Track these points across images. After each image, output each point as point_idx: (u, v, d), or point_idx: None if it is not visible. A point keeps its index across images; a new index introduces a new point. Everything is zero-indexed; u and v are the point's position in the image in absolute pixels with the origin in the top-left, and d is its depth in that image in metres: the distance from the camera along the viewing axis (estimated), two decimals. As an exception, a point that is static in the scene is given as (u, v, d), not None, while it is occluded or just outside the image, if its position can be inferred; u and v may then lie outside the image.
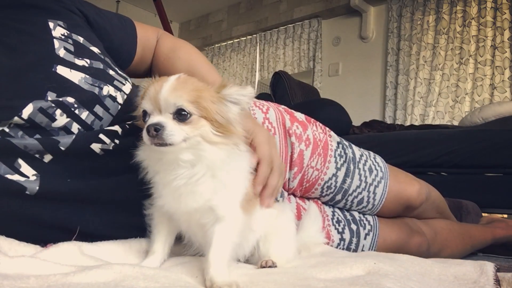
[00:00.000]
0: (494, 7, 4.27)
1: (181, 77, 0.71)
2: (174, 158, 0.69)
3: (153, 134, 0.66)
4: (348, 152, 1.27)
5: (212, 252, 0.67)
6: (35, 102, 0.74)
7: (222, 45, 6.71)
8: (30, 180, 0.74)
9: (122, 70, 0.96)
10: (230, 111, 0.71)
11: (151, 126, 0.66)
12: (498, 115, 3.02)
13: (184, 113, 0.67)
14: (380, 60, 5.05)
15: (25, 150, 0.73)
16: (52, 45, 0.81)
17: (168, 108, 0.67)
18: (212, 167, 0.70)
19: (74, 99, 0.79)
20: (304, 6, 5.56)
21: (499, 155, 2.23)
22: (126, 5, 6.29)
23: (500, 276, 0.71)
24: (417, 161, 2.41)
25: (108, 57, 0.94)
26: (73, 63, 0.82)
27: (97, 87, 0.83)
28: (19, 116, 0.73)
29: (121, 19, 1.07)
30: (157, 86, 0.69)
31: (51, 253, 0.71)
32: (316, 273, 0.73)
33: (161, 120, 0.66)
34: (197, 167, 0.69)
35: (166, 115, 0.67)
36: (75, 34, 0.87)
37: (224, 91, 0.71)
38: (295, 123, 1.22)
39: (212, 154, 0.69)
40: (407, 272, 0.73)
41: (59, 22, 0.86)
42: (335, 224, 1.23)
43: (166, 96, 0.67)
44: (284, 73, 3.84)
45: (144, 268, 0.68)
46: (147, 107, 0.69)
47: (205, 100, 0.68)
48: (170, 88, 0.67)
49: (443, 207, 1.52)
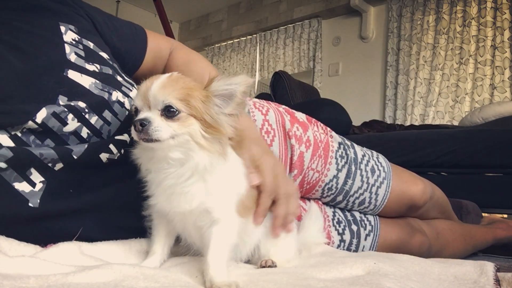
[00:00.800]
0: (494, 7, 4.27)
1: (173, 75, 0.71)
2: (163, 155, 0.69)
3: (139, 129, 0.66)
4: (350, 153, 1.26)
5: (211, 254, 0.68)
6: (49, 107, 0.75)
7: (222, 45, 6.71)
8: (34, 190, 0.74)
9: (128, 76, 0.97)
10: (221, 111, 0.70)
11: (137, 121, 0.67)
12: (498, 115, 3.02)
13: (172, 109, 0.67)
14: (380, 60, 5.05)
15: (41, 158, 0.74)
16: (63, 50, 0.82)
17: (157, 104, 0.67)
18: (196, 170, 0.70)
19: (86, 104, 0.80)
20: (304, 6, 5.56)
21: (499, 155, 2.24)
22: (126, 5, 6.29)
23: (500, 276, 0.71)
24: (417, 161, 2.41)
25: (116, 63, 0.94)
26: (83, 67, 0.83)
27: (107, 92, 0.83)
28: (33, 120, 0.74)
29: (132, 28, 1.07)
30: (148, 83, 0.69)
31: (51, 253, 0.71)
32: (316, 273, 0.73)
33: (148, 116, 0.67)
34: (185, 167, 0.69)
35: (155, 111, 0.68)
36: (85, 39, 0.87)
37: (212, 87, 0.70)
38: (295, 124, 1.22)
39: (198, 157, 0.69)
40: (407, 272, 0.73)
41: (70, 26, 0.86)
42: (335, 225, 1.23)
43: (155, 93, 0.67)
44: (284, 73, 3.84)
45: (144, 268, 0.68)
46: (138, 104, 0.70)
47: (195, 99, 0.68)
48: (160, 85, 0.68)
49: (446, 206, 1.52)
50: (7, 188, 0.73)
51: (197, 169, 0.69)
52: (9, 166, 0.72)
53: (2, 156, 0.70)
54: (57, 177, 0.76)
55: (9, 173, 0.73)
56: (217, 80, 0.70)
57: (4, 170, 0.72)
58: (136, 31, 1.08)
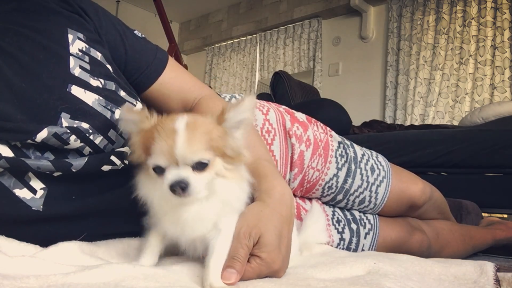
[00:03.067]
0: (494, 7, 4.27)
1: (188, 121, 0.65)
2: (190, 200, 0.66)
3: (180, 193, 0.62)
4: (350, 152, 1.27)
5: (213, 260, 0.66)
6: (50, 128, 0.73)
7: (222, 45, 6.71)
8: (36, 197, 0.74)
9: (133, 90, 0.93)
10: (236, 140, 0.68)
11: (177, 185, 0.62)
12: (498, 115, 3.02)
13: (204, 163, 0.64)
14: (380, 60, 5.05)
15: (38, 170, 0.73)
16: (67, 64, 0.79)
17: (187, 161, 0.63)
18: (227, 203, 0.68)
19: (89, 125, 0.78)
20: (304, 6, 5.56)
21: (499, 155, 2.23)
22: (126, 5, 6.28)
23: (500, 276, 0.71)
24: (417, 161, 2.41)
25: (121, 76, 0.91)
26: (87, 83, 0.80)
27: (109, 110, 0.81)
28: (33, 140, 0.73)
29: (148, 51, 0.99)
30: (169, 140, 0.63)
31: (51, 253, 0.71)
32: (316, 273, 0.73)
33: (184, 176, 0.62)
34: (211, 201, 0.67)
35: (185, 167, 0.63)
36: (93, 49, 0.84)
37: (226, 121, 0.67)
38: (295, 123, 1.22)
39: (223, 190, 0.67)
40: (407, 272, 0.73)
41: (79, 34, 0.83)
42: (335, 224, 1.23)
43: (183, 152, 0.62)
44: (284, 73, 3.84)
45: (144, 267, 0.68)
46: (162, 163, 0.63)
47: (216, 140, 0.65)
48: (186, 142, 0.62)
49: (445, 208, 1.52)
50: (8, 193, 0.72)
51: (228, 201, 0.68)
52: (6, 170, 0.71)
53: None
54: (58, 183, 0.76)
55: (7, 178, 0.72)
56: (228, 112, 0.67)
57: (2, 175, 0.72)
58: (154, 58, 0.99)
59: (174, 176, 0.63)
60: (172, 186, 0.62)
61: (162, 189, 0.64)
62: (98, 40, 0.88)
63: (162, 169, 0.64)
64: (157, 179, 0.65)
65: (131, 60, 0.96)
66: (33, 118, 0.74)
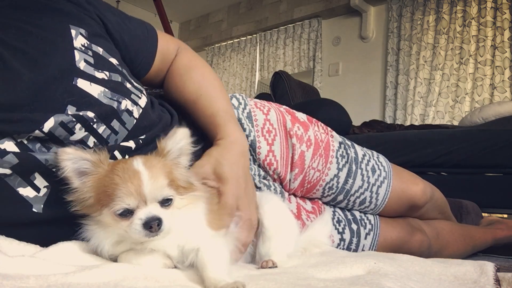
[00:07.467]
0: (494, 7, 4.27)
1: (144, 162, 0.68)
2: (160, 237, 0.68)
3: (156, 230, 0.65)
4: (350, 152, 1.26)
5: (209, 269, 0.66)
6: (57, 116, 0.74)
7: (222, 45, 6.71)
8: (39, 196, 0.75)
9: (138, 82, 0.96)
10: (184, 170, 0.72)
11: (152, 222, 0.64)
12: (498, 115, 3.02)
13: (169, 198, 0.68)
14: (380, 60, 5.05)
15: (45, 164, 0.74)
16: (73, 57, 0.81)
17: (156, 198, 0.66)
18: (182, 231, 0.70)
19: (94, 114, 0.79)
20: (304, 6, 5.56)
21: (499, 155, 2.23)
22: (126, 4, 6.29)
23: (500, 276, 0.71)
24: (417, 161, 2.41)
25: (125, 68, 0.93)
26: (93, 76, 0.81)
27: (116, 101, 0.83)
28: (40, 130, 0.73)
29: (144, 30, 1.04)
30: (134, 180, 0.65)
31: (51, 253, 0.71)
32: (316, 273, 0.73)
33: (156, 213, 0.65)
34: (170, 234, 0.69)
35: (154, 204, 0.66)
36: (94, 45, 0.86)
37: (170, 154, 0.72)
38: (296, 124, 1.22)
39: (181, 220, 0.70)
40: (407, 272, 0.73)
41: (80, 30, 0.84)
42: (335, 224, 1.23)
43: (151, 189, 0.65)
44: (284, 73, 3.84)
45: (144, 268, 0.68)
46: (131, 204, 0.65)
47: (171, 173, 0.70)
48: (150, 179, 0.66)
49: (445, 208, 1.52)
50: (11, 193, 0.73)
51: (183, 229, 0.70)
52: (13, 172, 0.72)
53: (7, 162, 0.71)
54: (61, 182, 0.76)
55: (13, 178, 0.73)
56: (166, 146, 0.72)
57: (8, 176, 0.72)
58: (147, 33, 1.04)
59: (147, 214, 0.65)
60: (147, 224, 0.64)
61: (128, 231, 0.66)
62: (99, 33, 0.89)
63: (130, 211, 0.65)
64: (116, 224, 0.67)
65: (133, 47, 1.00)
66: (40, 108, 0.75)
